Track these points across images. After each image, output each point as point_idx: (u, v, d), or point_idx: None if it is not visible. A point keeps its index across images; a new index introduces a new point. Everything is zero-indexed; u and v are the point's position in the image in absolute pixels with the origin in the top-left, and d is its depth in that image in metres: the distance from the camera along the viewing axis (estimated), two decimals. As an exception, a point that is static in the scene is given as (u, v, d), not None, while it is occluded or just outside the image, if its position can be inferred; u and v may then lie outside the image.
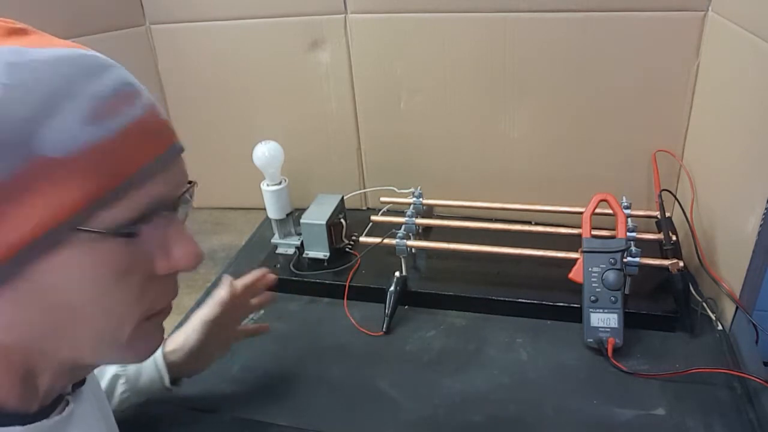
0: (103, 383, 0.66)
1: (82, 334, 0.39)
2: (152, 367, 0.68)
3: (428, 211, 1.05)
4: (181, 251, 0.40)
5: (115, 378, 0.67)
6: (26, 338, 0.38)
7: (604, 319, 0.78)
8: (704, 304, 0.82)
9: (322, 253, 0.96)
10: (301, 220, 0.95)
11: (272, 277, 0.78)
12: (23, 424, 0.39)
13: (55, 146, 0.34)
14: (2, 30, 0.35)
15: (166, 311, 0.44)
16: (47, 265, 0.35)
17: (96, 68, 0.37)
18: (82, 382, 0.46)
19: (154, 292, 0.41)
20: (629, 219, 0.84)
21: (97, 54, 0.38)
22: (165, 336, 0.64)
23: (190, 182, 0.43)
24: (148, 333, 0.42)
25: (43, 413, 0.41)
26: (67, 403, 0.44)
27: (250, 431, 0.72)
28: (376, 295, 0.88)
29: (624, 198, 0.89)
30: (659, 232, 0.86)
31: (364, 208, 1.18)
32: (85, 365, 0.44)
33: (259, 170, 0.96)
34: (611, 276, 0.78)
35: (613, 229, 0.83)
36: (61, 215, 0.34)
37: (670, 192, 0.93)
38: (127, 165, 0.36)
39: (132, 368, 0.68)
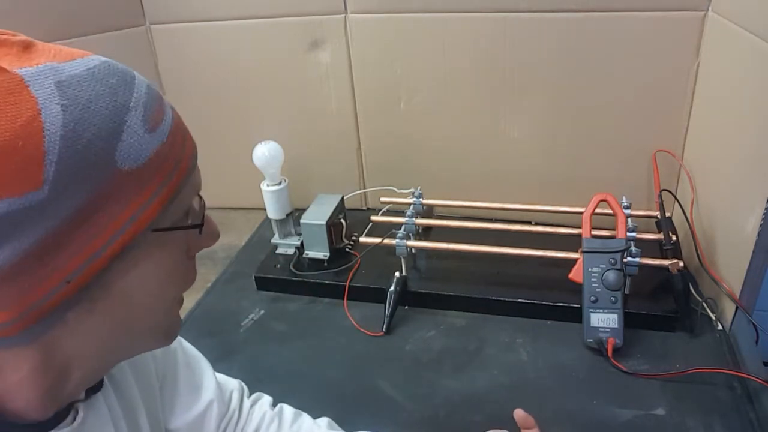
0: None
1: (141, 329, 0.41)
2: None
3: (428, 211, 1.05)
4: (210, 231, 0.44)
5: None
6: (90, 347, 0.38)
7: (604, 319, 0.78)
8: (704, 304, 0.82)
9: (322, 253, 0.96)
10: (301, 220, 0.95)
11: None
12: None
13: (130, 159, 0.35)
14: (15, 46, 0.34)
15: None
16: (123, 270, 0.36)
17: (128, 76, 0.38)
18: (99, 387, 0.44)
19: (189, 273, 0.44)
20: (629, 219, 0.84)
21: (111, 60, 0.39)
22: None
23: None
24: (176, 315, 0.45)
25: (52, 422, 0.39)
26: (77, 412, 0.42)
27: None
28: (376, 296, 0.88)
29: (624, 198, 0.89)
30: (659, 232, 0.86)
31: (364, 208, 1.18)
32: (111, 365, 0.44)
33: (259, 170, 0.96)
34: (611, 276, 0.78)
35: (613, 229, 0.83)
36: (143, 222, 0.36)
37: (670, 192, 0.93)
38: (181, 163, 0.39)
39: None
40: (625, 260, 0.79)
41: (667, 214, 0.90)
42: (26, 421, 0.38)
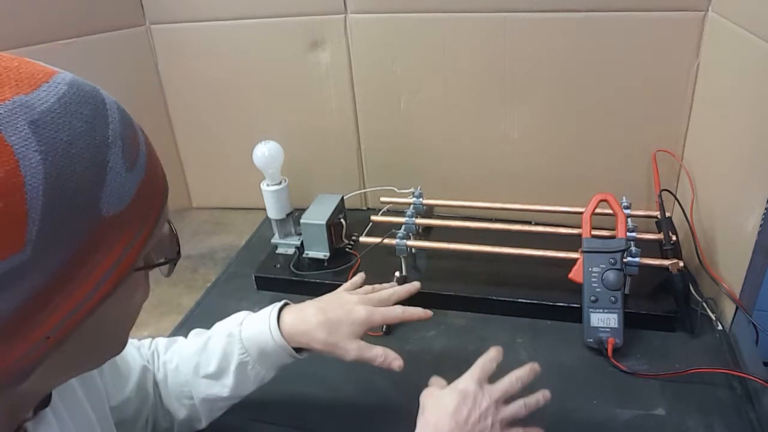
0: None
1: (103, 351, 0.41)
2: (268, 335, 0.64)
3: (428, 211, 1.05)
4: (166, 245, 0.42)
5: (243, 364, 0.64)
6: (52, 373, 0.37)
7: (604, 319, 0.78)
8: (704, 304, 0.82)
9: (322, 253, 0.96)
10: (301, 220, 0.95)
11: (407, 288, 0.72)
12: None
13: (114, 205, 0.33)
14: None
15: None
16: (101, 311, 0.35)
17: (97, 99, 0.34)
18: (47, 402, 0.43)
19: (147, 289, 0.43)
20: (629, 219, 0.84)
21: (75, 78, 0.35)
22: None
23: None
24: None
25: None
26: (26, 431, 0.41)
27: (251, 431, 0.72)
28: (376, 295, 0.88)
29: (624, 198, 0.89)
30: (659, 232, 0.86)
31: (364, 208, 1.18)
32: (55, 387, 0.43)
33: (259, 170, 0.96)
34: (611, 276, 0.78)
35: (613, 229, 0.83)
36: (125, 267, 0.35)
37: (670, 192, 0.93)
38: (158, 197, 0.38)
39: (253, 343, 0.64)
40: (625, 260, 0.79)
41: (667, 214, 0.90)
42: None
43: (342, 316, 0.65)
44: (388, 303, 0.69)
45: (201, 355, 0.64)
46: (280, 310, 0.66)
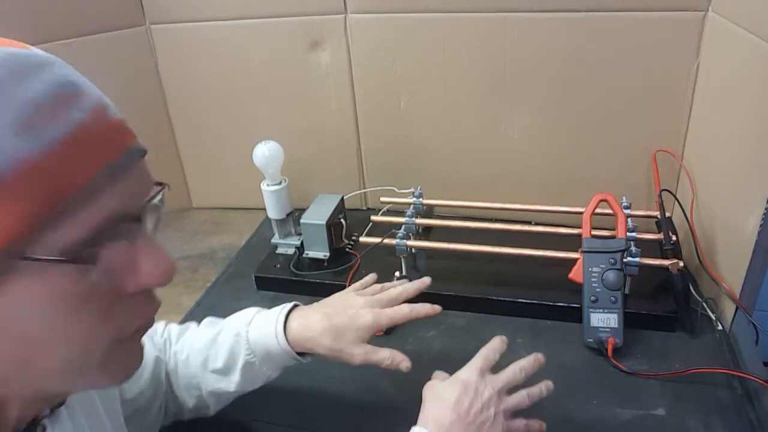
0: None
1: (47, 364, 0.35)
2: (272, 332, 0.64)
3: (428, 211, 1.05)
4: (150, 266, 0.36)
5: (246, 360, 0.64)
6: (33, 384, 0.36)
7: (604, 319, 0.78)
8: (704, 304, 0.82)
9: (322, 253, 0.96)
10: (301, 220, 0.95)
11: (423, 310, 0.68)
12: None
13: None
14: None
15: (143, 329, 0.40)
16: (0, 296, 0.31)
17: (27, 68, 0.32)
18: (63, 401, 0.42)
19: (124, 312, 0.37)
20: (629, 219, 0.84)
21: (33, 51, 0.34)
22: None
23: (160, 184, 0.39)
24: (123, 354, 0.39)
25: None
26: (44, 429, 0.41)
27: (250, 431, 0.72)
28: (376, 295, 0.88)
29: (624, 198, 0.89)
30: (659, 232, 0.86)
31: (364, 208, 1.18)
32: (60, 392, 0.41)
33: (259, 170, 0.96)
34: (611, 276, 0.78)
35: (613, 229, 0.83)
36: (4, 240, 0.30)
37: (670, 192, 0.93)
38: (71, 179, 0.32)
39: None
40: (625, 260, 0.79)
41: (667, 214, 0.90)
42: None
43: (347, 322, 0.64)
44: (397, 302, 0.69)
45: (210, 350, 0.65)
46: (289, 312, 0.66)
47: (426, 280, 0.72)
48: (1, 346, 0.33)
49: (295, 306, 0.68)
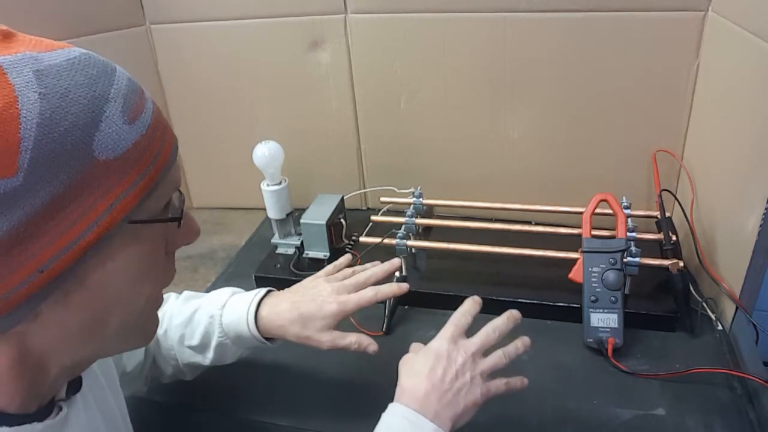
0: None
1: (115, 323, 0.40)
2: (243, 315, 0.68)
3: (428, 211, 1.05)
4: (192, 226, 0.46)
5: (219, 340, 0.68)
6: (65, 341, 0.38)
7: (604, 319, 0.78)
8: (704, 304, 0.82)
9: (322, 253, 0.96)
10: (301, 220, 0.95)
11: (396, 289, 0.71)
12: (11, 425, 0.38)
13: (108, 150, 0.35)
14: None
15: (162, 294, 0.47)
16: (98, 262, 0.36)
17: (108, 68, 0.38)
18: (78, 388, 0.45)
19: (167, 270, 0.44)
20: (629, 219, 0.84)
21: (92, 52, 0.39)
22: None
23: None
24: (153, 314, 0.46)
25: (37, 416, 0.40)
26: (61, 409, 0.43)
27: (250, 431, 0.72)
28: (376, 295, 0.88)
29: (624, 198, 0.89)
30: (659, 232, 0.86)
31: (364, 208, 1.18)
32: (91, 361, 0.45)
33: (259, 170, 0.96)
34: (611, 276, 0.78)
35: (613, 229, 0.83)
36: (119, 214, 0.36)
37: (670, 192, 0.93)
38: (160, 156, 0.39)
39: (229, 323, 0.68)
40: (625, 260, 0.79)
41: (667, 214, 0.90)
42: (15, 413, 0.39)
43: (314, 311, 0.67)
44: (365, 287, 0.70)
45: (186, 328, 0.69)
46: (261, 300, 0.68)
47: (395, 262, 0.73)
48: (88, 311, 0.38)
49: (269, 292, 0.70)
